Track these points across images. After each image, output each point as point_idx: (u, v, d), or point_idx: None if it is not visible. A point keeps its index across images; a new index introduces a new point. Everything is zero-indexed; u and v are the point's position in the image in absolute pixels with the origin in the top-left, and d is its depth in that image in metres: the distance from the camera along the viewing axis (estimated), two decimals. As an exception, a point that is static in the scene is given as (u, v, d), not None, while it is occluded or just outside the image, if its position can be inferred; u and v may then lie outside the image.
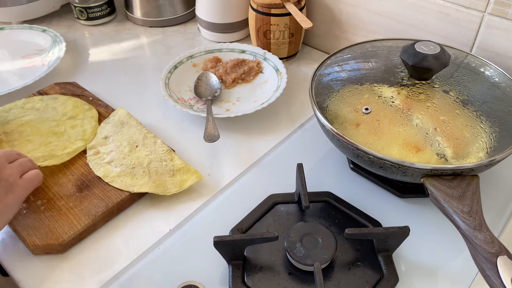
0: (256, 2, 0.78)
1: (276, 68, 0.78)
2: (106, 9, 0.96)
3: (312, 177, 0.60)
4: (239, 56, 0.81)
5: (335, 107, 0.57)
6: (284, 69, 0.76)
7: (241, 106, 0.73)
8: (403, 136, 0.52)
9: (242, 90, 0.77)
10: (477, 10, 0.65)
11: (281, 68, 0.77)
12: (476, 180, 0.49)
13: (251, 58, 0.81)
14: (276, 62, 0.79)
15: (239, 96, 0.76)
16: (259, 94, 0.75)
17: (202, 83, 0.76)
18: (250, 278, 0.49)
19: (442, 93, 0.55)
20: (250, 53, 0.81)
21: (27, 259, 0.53)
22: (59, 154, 0.63)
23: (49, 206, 0.57)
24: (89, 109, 0.71)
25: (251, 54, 0.81)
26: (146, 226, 0.56)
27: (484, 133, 0.52)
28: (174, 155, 0.63)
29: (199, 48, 0.81)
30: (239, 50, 0.82)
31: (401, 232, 0.49)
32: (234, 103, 0.74)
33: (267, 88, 0.76)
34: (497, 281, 0.40)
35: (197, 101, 0.74)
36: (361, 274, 0.49)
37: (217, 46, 0.82)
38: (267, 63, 0.80)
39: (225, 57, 0.81)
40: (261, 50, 0.81)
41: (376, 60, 0.62)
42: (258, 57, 0.81)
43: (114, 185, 0.59)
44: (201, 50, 0.81)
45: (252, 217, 0.55)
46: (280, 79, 0.75)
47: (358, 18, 0.79)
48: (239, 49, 0.82)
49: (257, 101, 0.73)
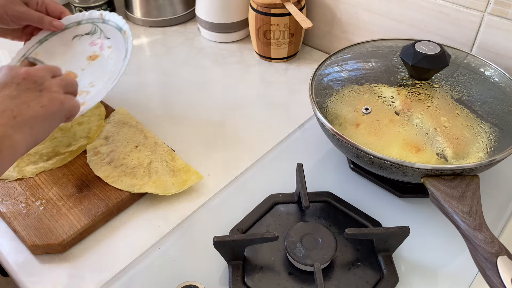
0: (256, 2, 0.78)
1: (119, 28, 0.64)
2: (106, 9, 0.95)
3: (312, 177, 0.60)
4: (76, 30, 0.67)
5: (335, 107, 0.57)
6: (127, 25, 0.64)
7: (97, 91, 0.61)
8: (403, 136, 0.52)
9: (91, 71, 0.64)
10: (477, 10, 0.65)
11: (123, 26, 0.64)
12: (476, 180, 0.49)
13: (89, 28, 0.67)
14: (118, 20, 0.65)
15: (91, 80, 0.62)
16: (112, 67, 0.62)
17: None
18: (250, 278, 0.49)
19: (442, 93, 0.55)
20: (86, 21, 0.67)
21: (27, 259, 0.53)
22: (62, 152, 0.63)
23: (49, 206, 0.57)
24: (98, 107, 0.71)
25: (89, 22, 0.67)
26: (146, 226, 0.56)
27: (484, 133, 0.52)
28: (175, 155, 0.63)
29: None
30: (74, 24, 0.67)
31: (401, 232, 0.49)
32: (89, 91, 0.61)
33: (118, 57, 0.63)
34: (497, 281, 0.40)
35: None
36: (361, 274, 0.49)
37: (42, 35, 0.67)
38: (109, 25, 0.66)
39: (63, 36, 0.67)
40: (97, 13, 0.67)
41: (376, 60, 0.62)
42: (96, 22, 0.67)
43: (114, 185, 0.59)
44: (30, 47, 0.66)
45: (252, 217, 0.55)
46: (126, 40, 0.62)
47: (358, 18, 0.79)
48: (74, 23, 0.67)
49: (112, 77, 0.60)
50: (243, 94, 0.77)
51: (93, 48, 0.66)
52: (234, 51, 0.88)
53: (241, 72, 0.83)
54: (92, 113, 0.70)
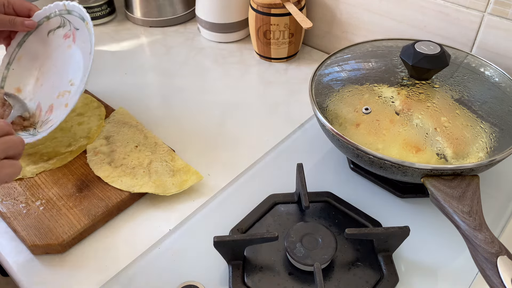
0: (256, 2, 0.78)
1: (82, 18, 0.61)
2: (106, 9, 0.96)
3: (312, 177, 0.60)
4: (48, 25, 0.65)
5: (335, 107, 0.57)
6: (88, 15, 0.61)
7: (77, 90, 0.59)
8: (403, 136, 0.52)
9: (69, 67, 0.62)
10: (477, 10, 0.65)
11: (85, 16, 0.61)
12: (476, 180, 0.49)
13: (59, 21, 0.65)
14: (80, 10, 0.62)
15: (70, 78, 0.60)
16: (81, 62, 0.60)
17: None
18: (250, 278, 0.49)
19: (442, 93, 0.55)
20: (54, 15, 0.65)
21: (27, 259, 0.53)
22: (62, 152, 0.63)
23: (49, 206, 0.57)
24: (98, 107, 0.71)
25: (57, 15, 0.64)
26: (146, 226, 0.56)
27: (484, 133, 0.52)
28: (175, 155, 0.63)
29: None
30: (44, 19, 0.65)
31: (401, 232, 0.49)
32: (70, 91, 0.60)
33: (85, 51, 0.61)
34: (497, 281, 0.40)
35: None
36: (361, 274, 0.49)
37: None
38: (74, 16, 0.63)
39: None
40: (60, 4, 0.64)
41: (376, 60, 0.62)
42: (63, 14, 0.64)
43: (114, 185, 0.59)
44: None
45: (252, 217, 0.55)
46: (89, 31, 0.60)
47: (358, 18, 0.79)
48: (44, 18, 0.65)
49: (85, 73, 0.59)
50: (243, 94, 0.77)
51: (67, 42, 0.64)
52: (234, 51, 0.88)
53: (241, 72, 0.83)
54: (92, 113, 0.70)
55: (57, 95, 0.60)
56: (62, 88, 0.59)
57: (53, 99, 0.60)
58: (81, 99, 0.72)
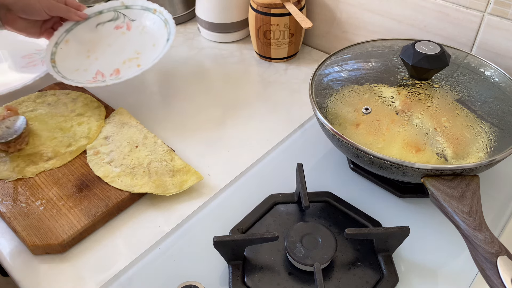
0: (256, 2, 0.78)
1: (146, 8, 0.77)
2: (106, 9, 0.96)
3: (312, 177, 0.60)
4: (98, 18, 0.78)
5: (335, 107, 0.57)
6: (152, 4, 0.76)
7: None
8: (403, 136, 0.52)
9: (128, 43, 0.75)
10: (477, 10, 0.65)
11: (150, 5, 0.76)
12: (476, 180, 0.49)
13: (111, 15, 0.78)
14: (142, 3, 0.78)
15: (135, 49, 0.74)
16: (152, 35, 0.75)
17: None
18: (250, 278, 0.49)
19: (442, 93, 0.55)
20: (107, 10, 0.78)
21: (27, 259, 0.53)
22: (62, 152, 0.63)
23: (49, 206, 0.57)
24: (98, 107, 0.71)
25: (110, 11, 0.78)
26: (146, 226, 0.56)
27: (484, 133, 0.52)
28: (174, 155, 0.63)
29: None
30: (96, 13, 0.78)
31: (401, 232, 0.49)
32: (138, 57, 0.73)
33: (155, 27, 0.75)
34: (497, 281, 0.40)
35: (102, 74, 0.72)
36: (361, 274, 0.49)
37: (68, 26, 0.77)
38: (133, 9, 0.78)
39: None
40: (117, 2, 0.78)
41: (376, 60, 0.62)
42: (118, 9, 0.78)
43: (114, 185, 0.59)
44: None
45: (252, 217, 0.55)
46: (159, 15, 0.75)
47: (358, 18, 0.79)
48: (95, 13, 0.78)
49: (156, 43, 0.73)
50: (243, 94, 0.77)
51: (120, 30, 0.77)
52: (234, 51, 0.88)
53: (241, 72, 0.83)
54: (92, 113, 0.70)
55: (122, 61, 0.73)
56: (127, 56, 0.73)
57: (119, 64, 0.72)
58: (82, 99, 0.72)
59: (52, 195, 0.58)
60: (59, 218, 0.55)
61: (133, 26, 0.77)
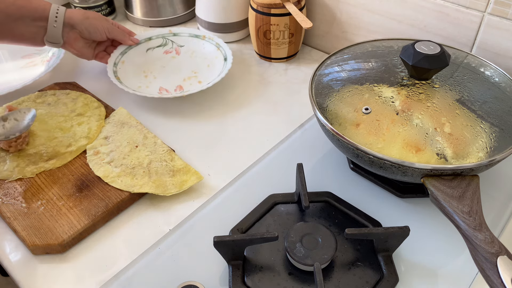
0: (256, 2, 0.78)
1: (195, 35, 0.85)
2: (106, 9, 0.95)
3: (312, 177, 0.60)
4: (148, 44, 0.85)
5: (335, 107, 0.57)
6: (199, 31, 0.85)
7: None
8: (403, 136, 0.52)
9: (182, 64, 0.82)
10: (477, 10, 0.65)
11: (198, 33, 0.85)
12: (476, 180, 0.49)
13: (160, 41, 0.85)
14: (190, 31, 0.86)
15: (191, 69, 0.81)
16: (205, 57, 0.82)
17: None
18: (250, 278, 0.49)
19: (442, 93, 0.55)
20: (156, 37, 0.86)
21: (27, 259, 0.53)
22: (62, 152, 0.63)
23: (49, 206, 0.57)
24: (98, 107, 0.71)
25: (159, 37, 0.86)
26: (146, 226, 0.56)
27: (484, 133, 0.52)
28: (174, 155, 0.63)
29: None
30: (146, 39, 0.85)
31: (401, 232, 0.49)
32: (196, 76, 0.79)
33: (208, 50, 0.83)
34: (497, 281, 0.40)
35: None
36: (361, 274, 0.49)
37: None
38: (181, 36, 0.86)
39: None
40: (165, 30, 0.86)
41: (376, 60, 0.62)
42: (166, 36, 0.86)
43: (114, 185, 0.59)
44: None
45: (252, 217, 0.55)
46: (208, 40, 0.84)
47: (358, 18, 0.79)
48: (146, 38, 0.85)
49: (210, 63, 0.81)
50: (243, 94, 0.77)
51: (169, 55, 0.84)
52: (234, 51, 0.88)
53: (241, 72, 0.83)
54: (92, 113, 0.70)
55: (182, 79, 0.78)
56: (186, 75, 0.79)
57: (180, 81, 0.78)
58: (82, 99, 0.72)
59: (52, 195, 0.58)
60: (59, 218, 0.55)
61: (182, 51, 0.84)
